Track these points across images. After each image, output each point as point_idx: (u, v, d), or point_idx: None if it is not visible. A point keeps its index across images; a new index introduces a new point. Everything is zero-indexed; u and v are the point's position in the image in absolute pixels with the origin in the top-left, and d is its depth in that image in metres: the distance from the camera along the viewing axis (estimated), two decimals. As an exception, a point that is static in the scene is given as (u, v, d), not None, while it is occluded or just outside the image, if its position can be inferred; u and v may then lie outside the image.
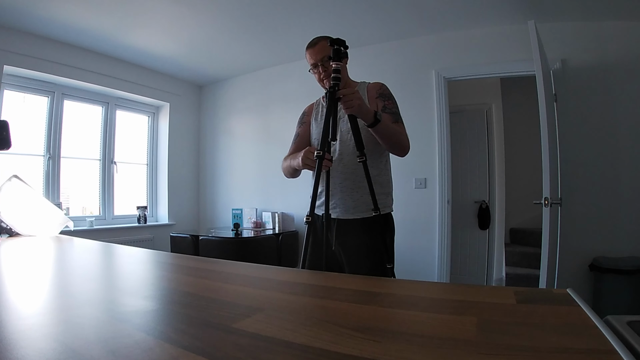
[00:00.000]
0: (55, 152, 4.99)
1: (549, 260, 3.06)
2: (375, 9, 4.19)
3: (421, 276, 4.51)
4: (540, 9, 4.00)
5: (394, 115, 2.17)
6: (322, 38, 2.24)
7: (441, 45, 4.73)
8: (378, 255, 2.07)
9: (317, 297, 1.02)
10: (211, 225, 6.52)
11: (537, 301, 0.94)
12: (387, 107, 2.20)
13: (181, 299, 0.97)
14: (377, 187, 2.13)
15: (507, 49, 4.36)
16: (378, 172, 2.21)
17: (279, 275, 1.33)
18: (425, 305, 0.95)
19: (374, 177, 2.09)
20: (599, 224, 3.96)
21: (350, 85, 2.33)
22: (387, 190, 2.26)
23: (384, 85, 2.32)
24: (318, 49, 2.20)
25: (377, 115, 1.92)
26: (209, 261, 1.61)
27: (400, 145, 2.11)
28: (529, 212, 5.91)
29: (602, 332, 0.68)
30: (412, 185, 4.74)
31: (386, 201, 2.23)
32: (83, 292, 1.06)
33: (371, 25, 4.59)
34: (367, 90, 2.30)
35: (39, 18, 4.21)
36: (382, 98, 2.23)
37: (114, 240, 4.82)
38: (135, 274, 1.43)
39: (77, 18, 4.26)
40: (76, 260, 1.68)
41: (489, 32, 4.48)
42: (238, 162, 6.36)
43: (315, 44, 2.23)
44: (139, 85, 5.83)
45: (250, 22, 4.49)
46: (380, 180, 2.21)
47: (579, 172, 4.03)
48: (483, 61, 4.49)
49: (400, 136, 2.10)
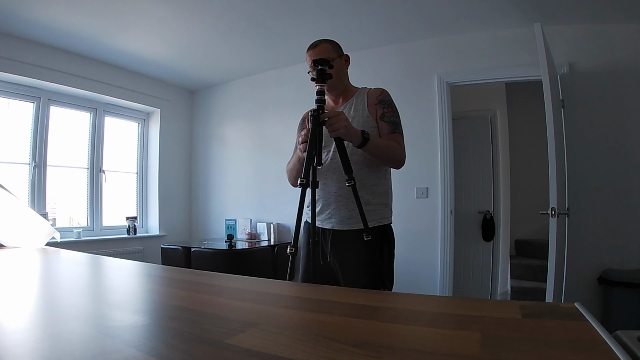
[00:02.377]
0: (41, 160, 4.99)
1: (556, 273, 3.06)
2: (375, 11, 4.19)
3: (423, 289, 4.51)
4: (547, 11, 4.01)
5: (392, 125, 2.21)
6: (324, 41, 2.29)
7: (444, 48, 4.75)
8: (374, 270, 2.08)
9: (314, 312, 1.02)
10: (204, 237, 6.52)
11: (544, 316, 0.94)
12: (386, 114, 2.22)
13: (172, 314, 0.97)
14: (374, 198, 2.17)
15: (513, 53, 4.38)
16: (376, 182, 2.23)
17: (275, 289, 1.32)
18: (427, 319, 0.95)
19: (370, 187, 2.15)
20: (608, 235, 3.96)
21: (350, 90, 2.38)
22: (385, 200, 2.26)
23: (385, 91, 2.33)
24: (319, 51, 2.23)
25: (364, 135, 1.96)
26: (202, 274, 1.60)
27: (393, 160, 2.17)
28: (535, 222, 5.91)
29: (611, 348, 0.68)
30: (414, 195, 4.75)
31: (384, 212, 2.23)
32: (70, 306, 1.06)
33: (371, 28, 4.60)
34: (367, 96, 2.31)
35: (23, 20, 4.21)
36: (382, 105, 2.25)
37: (103, 252, 4.81)
38: (125, 287, 1.43)
39: (63, 20, 4.26)
40: (63, 273, 1.68)
41: (493, 35, 4.50)
42: (232, 171, 6.36)
43: (316, 45, 2.27)
44: (128, 90, 5.85)
45: (245, 25, 4.51)
46: (377, 191, 2.22)
47: (587, 181, 4.02)
48: (487, 65, 4.51)
49: (394, 151, 2.14)
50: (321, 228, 2.25)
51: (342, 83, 2.32)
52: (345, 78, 2.35)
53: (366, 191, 2.16)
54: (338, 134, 1.93)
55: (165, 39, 4.89)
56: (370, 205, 2.15)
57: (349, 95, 2.36)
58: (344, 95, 2.37)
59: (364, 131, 1.97)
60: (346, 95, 2.37)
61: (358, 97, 2.32)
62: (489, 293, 5.65)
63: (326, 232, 2.22)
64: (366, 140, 1.96)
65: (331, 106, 2.39)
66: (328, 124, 1.89)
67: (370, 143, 1.98)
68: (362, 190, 2.11)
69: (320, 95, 1.95)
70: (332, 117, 1.89)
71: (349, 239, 2.17)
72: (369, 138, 1.96)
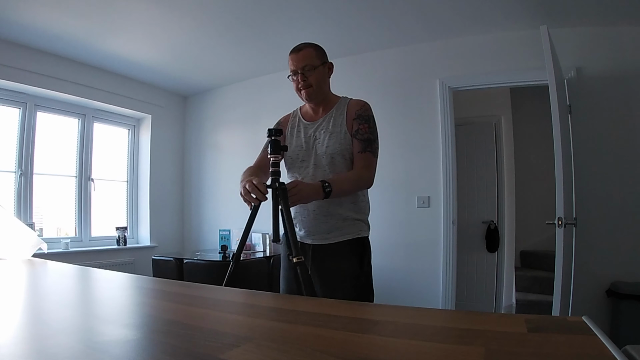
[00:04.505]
0: (28, 168, 4.98)
1: (563, 286, 3.06)
2: (374, 13, 4.19)
3: (424, 303, 4.49)
4: (553, 13, 4.01)
5: (363, 143, 2.22)
6: (308, 45, 2.29)
7: (446, 51, 4.75)
8: (355, 280, 2.19)
9: (311, 325, 1.02)
10: (197, 248, 6.49)
11: (550, 330, 0.94)
12: (360, 131, 2.23)
13: (164, 328, 0.97)
14: (351, 214, 2.26)
15: (518, 57, 4.38)
16: (353, 199, 2.28)
17: (270, 302, 1.33)
18: (429, 334, 0.95)
19: (346, 204, 2.24)
20: (618, 246, 3.94)
21: (331, 100, 2.39)
22: (361, 217, 2.32)
23: (366, 104, 2.33)
24: (302, 56, 2.24)
25: (326, 190, 2.00)
26: (194, 286, 1.61)
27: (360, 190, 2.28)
28: (541, 233, 5.92)
29: (619, 363, 0.68)
30: (415, 204, 4.74)
31: (360, 226, 2.30)
32: (58, 319, 1.06)
33: (370, 31, 4.60)
34: (347, 108, 2.31)
35: (8, 23, 4.19)
36: (359, 120, 2.25)
37: (92, 264, 4.78)
38: (114, 300, 1.43)
39: (50, 23, 4.25)
40: (50, 286, 1.68)
41: (497, 37, 4.49)
42: (226, 179, 6.34)
43: (299, 50, 2.26)
44: (118, 95, 5.84)
45: (240, 27, 4.51)
46: (354, 208, 2.29)
47: (596, 190, 4.01)
48: (491, 70, 4.51)
49: (358, 183, 2.22)
50: (301, 242, 2.30)
51: (322, 92, 2.32)
52: (326, 87, 2.36)
53: (344, 208, 2.23)
54: (299, 204, 2.06)
55: (157, 42, 4.89)
56: (348, 220, 2.24)
57: (329, 105, 2.36)
58: (324, 104, 2.37)
59: (324, 184, 2.02)
60: (326, 105, 2.37)
61: (338, 110, 2.33)
62: (493, 306, 5.64)
63: (306, 247, 2.29)
64: (329, 192, 2.01)
65: (310, 115, 2.41)
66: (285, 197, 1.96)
67: (334, 193, 2.03)
68: (339, 207, 2.22)
69: (275, 167, 2.01)
70: (290, 190, 1.95)
71: (329, 252, 2.23)
72: (331, 189, 2.01)
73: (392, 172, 4.71)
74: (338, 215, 2.21)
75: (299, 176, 2.31)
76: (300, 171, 2.33)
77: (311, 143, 2.31)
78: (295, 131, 2.41)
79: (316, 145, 2.29)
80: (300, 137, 2.36)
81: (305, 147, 2.33)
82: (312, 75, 2.23)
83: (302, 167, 2.33)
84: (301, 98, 2.34)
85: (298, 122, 2.43)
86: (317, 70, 2.24)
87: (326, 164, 2.23)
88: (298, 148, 2.35)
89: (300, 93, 2.29)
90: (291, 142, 2.39)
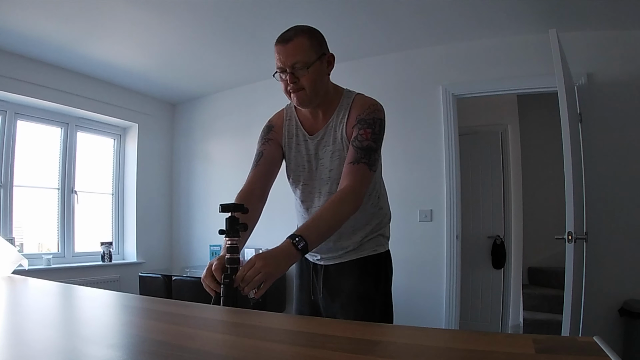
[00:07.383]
0: (7, 180, 4.97)
1: (573, 304, 3.06)
2: (375, 16, 4.20)
3: (426, 322, 4.48)
4: (562, 16, 4.01)
5: (360, 152, 1.84)
6: (300, 32, 1.89)
7: (449, 57, 4.77)
8: (369, 302, 2.02)
9: (307, 346, 1.02)
10: (186, 264, 6.46)
11: (560, 351, 0.94)
12: (359, 137, 1.87)
13: (151, 348, 0.97)
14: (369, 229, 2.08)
15: (525, 62, 4.39)
16: (374, 210, 2.12)
17: (264, 321, 1.32)
18: (431, 355, 0.95)
19: (365, 226, 2.06)
20: (631, 263, 3.93)
21: (333, 100, 2.03)
22: (381, 231, 2.15)
23: (373, 105, 1.96)
24: (291, 50, 1.83)
25: (298, 246, 1.61)
26: (184, 305, 1.60)
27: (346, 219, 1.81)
28: (550, 248, 5.91)
29: (631, 385, 0.69)
30: (416, 218, 4.74)
31: (379, 241, 2.12)
32: (39, 340, 1.05)
33: (368, 34, 4.61)
34: (350, 107, 1.97)
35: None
36: (360, 125, 1.89)
37: (75, 281, 4.77)
38: (99, 319, 1.43)
39: (31, 26, 4.22)
40: (31, 304, 1.67)
41: (504, 42, 4.51)
42: (217, 191, 6.32)
43: (288, 39, 1.86)
44: (103, 103, 5.84)
45: (231, 32, 4.52)
46: (375, 221, 2.12)
47: (608, 204, 4.02)
48: (497, 76, 4.52)
49: (341, 215, 1.77)
50: (313, 263, 2.17)
51: (318, 96, 1.92)
52: (324, 87, 1.94)
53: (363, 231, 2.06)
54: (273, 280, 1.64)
55: (144, 47, 4.89)
56: (365, 238, 2.06)
57: (330, 108, 2.02)
58: (324, 107, 2.01)
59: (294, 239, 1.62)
60: (327, 109, 2.02)
61: (338, 115, 2.00)
62: (500, 326, 5.63)
63: (317, 267, 2.15)
64: (304, 248, 1.62)
65: (309, 122, 2.07)
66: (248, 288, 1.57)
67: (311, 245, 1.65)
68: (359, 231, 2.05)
69: (232, 253, 1.59)
70: (247, 278, 1.54)
71: (340, 272, 2.07)
72: (306, 243, 1.61)
73: (392, 184, 4.63)
74: (348, 235, 2.02)
75: (303, 203, 2.14)
76: (304, 197, 2.12)
77: (314, 164, 2.05)
78: (294, 143, 2.10)
79: (320, 168, 2.04)
80: (301, 153, 2.08)
81: (308, 169, 2.07)
82: (304, 76, 1.83)
83: (305, 191, 2.11)
84: (291, 101, 2.00)
85: (296, 130, 2.10)
86: (311, 69, 1.83)
87: (330, 177, 2.00)
88: (300, 168, 2.09)
89: (290, 97, 1.92)
90: (290, 156, 2.11)
